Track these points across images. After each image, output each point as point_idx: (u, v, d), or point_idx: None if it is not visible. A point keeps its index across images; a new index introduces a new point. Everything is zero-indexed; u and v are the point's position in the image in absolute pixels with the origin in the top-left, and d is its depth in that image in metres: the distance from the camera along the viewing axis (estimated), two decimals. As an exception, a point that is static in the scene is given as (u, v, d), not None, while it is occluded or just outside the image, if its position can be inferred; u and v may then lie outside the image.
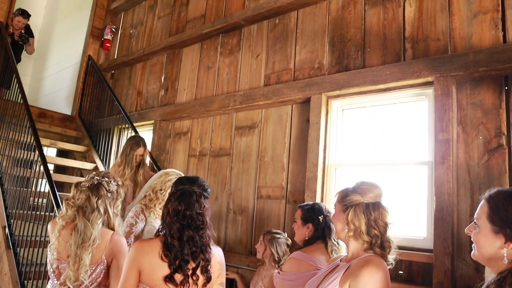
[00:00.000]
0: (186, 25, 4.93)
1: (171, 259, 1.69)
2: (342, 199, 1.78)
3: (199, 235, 1.74)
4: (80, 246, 2.07)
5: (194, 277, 1.70)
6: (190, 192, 1.78)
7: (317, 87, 3.37)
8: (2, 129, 4.41)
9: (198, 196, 1.79)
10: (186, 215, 1.74)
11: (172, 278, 1.68)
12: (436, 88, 2.76)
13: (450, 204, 2.57)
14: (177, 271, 1.68)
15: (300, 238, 2.38)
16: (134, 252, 1.75)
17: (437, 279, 2.51)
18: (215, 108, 4.14)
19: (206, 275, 1.74)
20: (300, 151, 3.47)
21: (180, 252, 1.70)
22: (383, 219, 1.69)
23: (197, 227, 1.74)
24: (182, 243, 1.71)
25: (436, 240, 2.57)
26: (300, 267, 2.09)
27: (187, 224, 1.73)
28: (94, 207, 2.15)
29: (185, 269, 1.70)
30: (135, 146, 3.51)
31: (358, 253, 1.69)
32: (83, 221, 2.11)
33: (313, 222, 2.35)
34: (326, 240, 2.29)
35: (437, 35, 2.93)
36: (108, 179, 2.28)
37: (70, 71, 6.44)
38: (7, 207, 3.89)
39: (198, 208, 1.76)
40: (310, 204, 2.51)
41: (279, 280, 2.15)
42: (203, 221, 1.76)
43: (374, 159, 3.13)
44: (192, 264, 1.71)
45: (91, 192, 2.19)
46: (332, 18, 3.53)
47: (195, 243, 1.73)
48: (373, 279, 1.53)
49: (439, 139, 2.68)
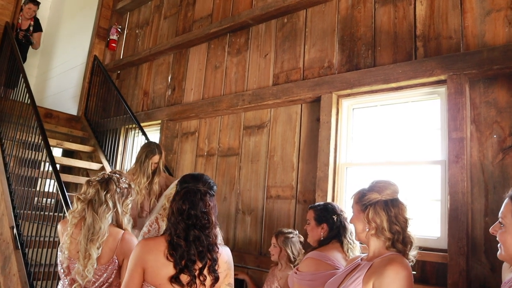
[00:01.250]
0: (193, 25, 4.91)
1: (177, 259, 1.65)
2: (360, 199, 1.77)
3: (205, 235, 1.70)
4: (89, 240, 2.06)
5: (201, 278, 1.67)
6: (194, 191, 1.74)
7: (327, 86, 3.35)
8: (10, 129, 4.40)
9: (203, 195, 1.74)
10: (191, 214, 1.69)
11: (178, 279, 1.64)
12: (449, 86, 2.73)
13: (465, 204, 2.54)
14: (183, 271, 1.64)
15: (315, 239, 2.35)
16: (138, 250, 1.72)
17: (452, 280, 2.49)
18: (224, 107, 4.13)
19: (213, 275, 1.70)
20: (310, 151, 3.45)
21: (186, 252, 1.66)
22: (403, 214, 1.70)
23: (203, 226, 1.70)
24: (188, 243, 1.67)
25: (450, 240, 2.54)
26: (318, 267, 2.07)
27: (193, 223, 1.69)
28: (103, 200, 2.15)
29: (192, 269, 1.66)
30: (150, 154, 3.36)
31: (380, 251, 1.68)
32: (92, 214, 2.12)
33: (327, 222, 2.33)
34: (341, 239, 2.28)
35: (449, 33, 2.90)
36: (119, 176, 2.28)
37: (75, 71, 6.44)
38: (15, 207, 3.88)
39: (203, 207, 1.71)
40: (322, 204, 2.50)
41: (296, 280, 2.13)
42: (209, 220, 1.71)
43: (386, 158, 3.11)
44: (199, 264, 1.67)
45: (100, 186, 2.21)
46: (342, 16, 3.51)
47: (201, 243, 1.68)
48: (398, 277, 1.52)
49: (452, 138, 2.66)
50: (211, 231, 1.72)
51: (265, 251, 3.56)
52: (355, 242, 2.29)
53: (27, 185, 3.88)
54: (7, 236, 3.74)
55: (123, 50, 6.07)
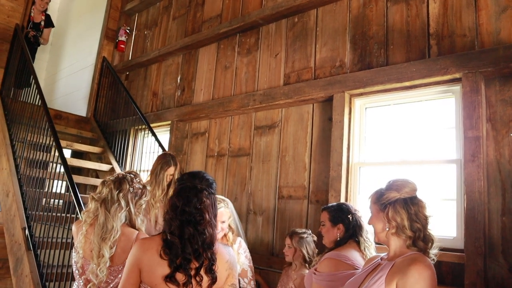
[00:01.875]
0: (202, 25, 4.91)
1: (171, 257, 1.60)
2: (378, 199, 1.76)
3: (199, 232, 1.63)
4: (102, 238, 2.06)
5: (197, 278, 1.60)
6: (189, 187, 1.69)
7: (339, 85, 3.33)
8: (21, 131, 4.42)
9: (199, 191, 1.68)
10: (185, 211, 1.63)
11: (173, 278, 1.58)
12: (465, 84, 2.71)
13: (481, 203, 2.51)
14: (178, 270, 1.59)
15: (331, 240, 2.33)
16: (134, 250, 1.69)
17: (470, 280, 2.46)
18: (234, 107, 4.12)
19: (211, 275, 1.62)
20: (322, 151, 3.43)
21: (181, 250, 1.60)
22: (423, 212, 1.69)
23: (197, 223, 1.63)
24: (183, 241, 1.61)
25: (467, 240, 2.51)
26: (338, 267, 2.05)
27: (187, 220, 1.63)
28: (115, 199, 2.16)
29: (188, 268, 1.60)
30: (165, 166, 3.23)
31: (401, 251, 1.67)
32: (104, 213, 2.13)
33: (343, 222, 2.31)
34: (358, 238, 2.26)
35: (463, 31, 2.88)
36: (134, 176, 2.28)
37: (84, 73, 6.46)
38: (26, 208, 3.89)
39: (198, 203, 1.65)
40: (336, 205, 2.48)
41: (316, 281, 2.11)
42: (203, 217, 1.64)
43: (399, 158, 3.08)
44: (195, 263, 1.61)
45: (113, 185, 2.21)
46: (353, 15, 3.49)
47: (196, 241, 1.62)
48: (422, 276, 1.50)
49: (468, 136, 2.63)
50: (206, 229, 1.65)
51: (277, 251, 3.54)
52: (371, 240, 2.28)
53: (39, 186, 3.89)
54: (19, 237, 3.75)
55: (131, 51, 6.08)
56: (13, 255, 3.75)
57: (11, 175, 4.18)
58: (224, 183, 4.15)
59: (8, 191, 4.18)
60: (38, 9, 5.82)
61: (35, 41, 5.78)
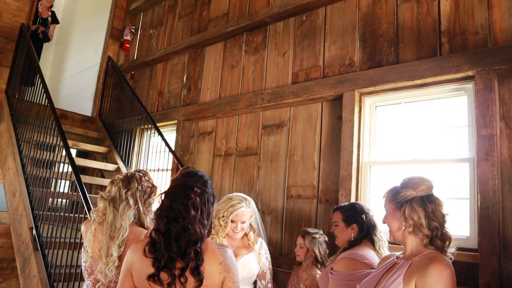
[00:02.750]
0: (208, 24, 4.89)
1: (156, 256, 1.53)
2: (394, 197, 1.72)
3: (184, 229, 1.55)
4: (110, 237, 2.04)
5: (182, 279, 1.51)
6: (180, 185, 1.64)
7: (349, 84, 3.31)
8: (27, 131, 4.40)
9: (187, 188, 1.61)
10: (172, 207, 1.57)
11: (157, 278, 1.51)
12: (478, 82, 2.68)
13: (496, 202, 2.48)
14: (162, 269, 1.52)
15: (345, 240, 2.30)
16: (127, 254, 1.64)
17: (484, 280, 2.43)
18: (242, 106, 4.09)
19: (196, 277, 1.52)
20: (332, 150, 3.40)
21: (166, 248, 1.53)
22: (440, 210, 1.65)
23: (183, 220, 1.56)
24: (169, 239, 1.54)
25: (481, 239, 2.48)
26: (356, 267, 2.03)
27: (173, 217, 1.56)
28: (123, 198, 2.14)
29: (172, 268, 1.52)
30: None
31: (418, 250, 1.64)
32: (112, 211, 2.11)
33: (357, 222, 2.29)
34: (372, 237, 2.24)
35: (475, 29, 2.85)
36: (143, 175, 2.25)
37: (89, 72, 6.45)
38: (33, 208, 3.87)
39: (185, 200, 1.58)
40: (349, 205, 2.46)
41: (332, 281, 2.09)
42: (189, 213, 1.56)
43: (411, 156, 3.05)
44: (181, 263, 1.53)
45: (122, 183, 2.20)
46: (363, 13, 3.47)
47: (182, 239, 1.54)
48: (442, 275, 1.48)
49: (482, 134, 2.60)
50: (193, 226, 1.56)
51: (286, 251, 3.52)
52: (384, 239, 2.26)
53: (45, 186, 3.87)
54: (26, 237, 3.72)
55: (137, 50, 6.07)
56: (21, 255, 3.73)
57: (17, 175, 4.17)
58: (231, 183, 4.12)
59: (15, 190, 4.16)
60: (44, 5, 5.91)
61: (45, 37, 5.83)
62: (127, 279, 1.61)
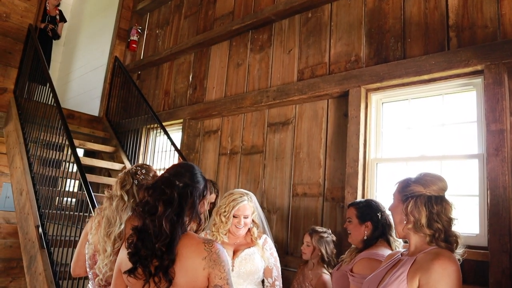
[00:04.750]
0: (214, 23, 4.88)
1: (132, 250, 1.51)
2: (403, 189, 1.68)
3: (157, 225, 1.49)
4: (106, 233, 2.03)
5: (156, 278, 1.46)
6: (161, 179, 1.60)
7: (355, 80, 3.26)
8: (34, 130, 4.43)
9: (167, 183, 1.56)
10: (148, 202, 1.54)
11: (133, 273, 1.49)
12: (487, 76, 2.62)
13: (506, 199, 2.42)
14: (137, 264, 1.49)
15: (358, 239, 2.23)
16: (120, 251, 1.63)
17: (494, 278, 2.36)
18: (247, 104, 4.07)
19: (165, 278, 1.45)
20: (338, 147, 3.36)
21: (141, 244, 1.50)
22: (447, 214, 1.59)
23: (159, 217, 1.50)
24: (144, 234, 1.51)
25: (491, 237, 2.42)
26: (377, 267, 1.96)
27: (148, 212, 1.52)
28: (118, 193, 2.11)
29: (147, 264, 1.48)
30: None
31: (422, 246, 1.60)
32: (109, 207, 2.09)
33: (371, 220, 2.21)
34: (388, 237, 2.17)
35: (484, 22, 2.79)
36: (141, 169, 2.22)
37: (96, 73, 6.48)
38: (39, 206, 3.89)
39: (159, 194, 1.53)
40: (364, 201, 2.38)
41: (354, 283, 2.03)
42: (157, 209, 1.51)
43: (419, 153, 2.99)
44: (155, 261, 1.47)
45: (119, 180, 2.17)
46: (369, 9, 3.42)
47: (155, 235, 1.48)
48: (446, 271, 1.43)
49: (491, 130, 2.54)
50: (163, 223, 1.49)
51: (292, 250, 3.48)
52: (399, 240, 2.19)
53: (52, 185, 3.88)
54: (33, 235, 3.74)
55: (143, 50, 6.09)
56: (27, 253, 3.75)
57: (24, 174, 4.19)
58: (237, 181, 4.10)
59: (21, 189, 4.18)
60: (52, 3, 6.00)
61: (54, 34, 5.91)
62: (118, 276, 1.59)
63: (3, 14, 5.02)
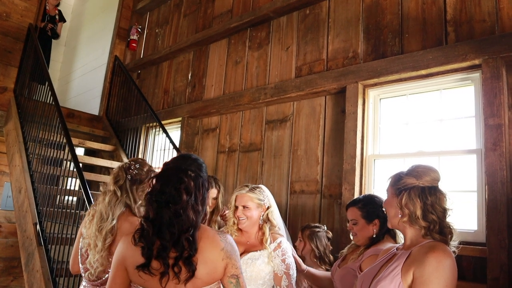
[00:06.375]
0: (213, 21, 4.87)
1: (145, 244, 1.44)
2: (395, 183, 1.66)
3: (177, 215, 1.45)
4: (98, 227, 2.02)
5: (176, 269, 1.42)
6: (172, 168, 1.54)
7: (352, 76, 3.24)
8: (33, 129, 4.43)
9: (181, 171, 1.52)
10: (164, 191, 1.47)
11: (148, 268, 1.42)
12: (485, 70, 2.59)
13: (504, 194, 2.39)
14: (151, 258, 1.42)
15: (366, 237, 2.13)
16: (118, 247, 1.53)
17: (492, 275, 2.33)
18: (245, 102, 4.05)
19: (188, 267, 1.42)
20: (335, 144, 3.34)
21: (157, 236, 1.43)
22: (441, 204, 1.57)
23: (175, 205, 1.46)
24: (160, 225, 1.44)
25: (489, 233, 2.39)
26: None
27: (165, 201, 1.46)
28: (111, 188, 2.11)
29: (165, 256, 1.42)
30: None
31: (417, 239, 1.57)
32: (102, 203, 2.09)
33: (379, 217, 2.10)
34: (394, 231, 2.10)
35: (482, 17, 2.76)
36: (134, 163, 2.20)
37: (97, 72, 6.50)
38: (38, 204, 3.89)
39: (178, 183, 1.48)
40: (364, 198, 2.25)
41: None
42: (180, 197, 1.47)
43: (416, 149, 2.96)
44: (174, 252, 1.43)
45: (113, 175, 2.16)
46: (366, 5, 3.40)
47: (174, 225, 1.44)
48: (440, 265, 1.40)
49: (489, 124, 2.51)
50: (185, 211, 1.46)
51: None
52: None
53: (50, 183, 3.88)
54: (31, 232, 3.75)
55: (143, 49, 6.09)
56: (25, 250, 3.75)
57: (23, 172, 4.20)
58: (235, 179, 4.08)
59: (20, 187, 4.19)
60: (51, 3, 6.04)
61: (53, 33, 5.94)
62: (119, 274, 1.50)
63: (3, 14, 5.05)
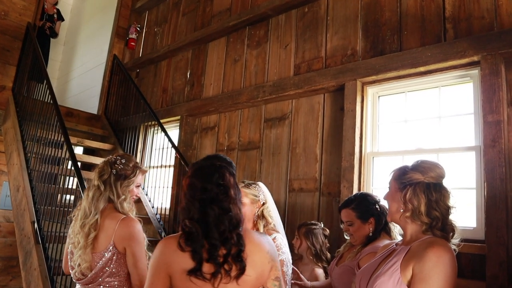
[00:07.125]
0: (211, 20, 4.86)
1: (194, 248, 1.35)
2: (400, 177, 1.63)
3: (225, 211, 1.39)
4: (81, 224, 2.00)
5: (226, 266, 1.35)
6: (207, 165, 1.47)
7: (351, 73, 3.23)
8: (31, 127, 4.42)
9: (219, 168, 1.45)
10: (206, 188, 1.40)
11: (200, 272, 1.33)
12: (483, 67, 2.58)
13: (503, 191, 2.38)
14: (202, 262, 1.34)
15: (363, 237, 2.13)
16: (159, 251, 1.42)
17: (491, 272, 2.32)
18: (244, 100, 4.04)
19: (239, 264, 1.36)
20: (334, 142, 3.33)
21: (205, 236, 1.36)
22: (445, 201, 1.55)
23: (221, 201, 1.40)
24: (207, 225, 1.37)
25: (488, 230, 2.38)
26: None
27: (210, 199, 1.39)
28: (95, 183, 2.08)
29: (216, 256, 1.34)
30: None
31: (417, 235, 1.55)
32: (86, 199, 2.06)
33: (373, 215, 2.12)
34: (389, 227, 2.11)
35: (481, 13, 2.75)
36: (121, 158, 2.16)
37: (96, 71, 6.49)
38: (36, 202, 3.88)
39: (220, 179, 1.42)
40: (358, 198, 2.24)
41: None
42: (227, 194, 1.41)
43: (415, 146, 2.95)
44: (223, 250, 1.36)
45: (98, 169, 2.13)
46: (365, 2, 3.39)
47: (223, 222, 1.37)
48: (440, 260, 1.39)
49: (488, 121, 2.50)
50: (232, 208, 1.41)
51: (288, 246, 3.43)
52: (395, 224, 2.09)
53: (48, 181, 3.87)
54: (28, 231, 3.73)
55: (142, 48, 6.08)
56: (23, 248, 3.74)
57: (21, 170, 4.19)
58: (234, 177, 4.06)
59: (18, 186, 4.18)
60: (50, 2, 6.05)
61: (52, 32, 5.94)
62: (160, 282, 1.39)
63: (1, 12, 5.03)
